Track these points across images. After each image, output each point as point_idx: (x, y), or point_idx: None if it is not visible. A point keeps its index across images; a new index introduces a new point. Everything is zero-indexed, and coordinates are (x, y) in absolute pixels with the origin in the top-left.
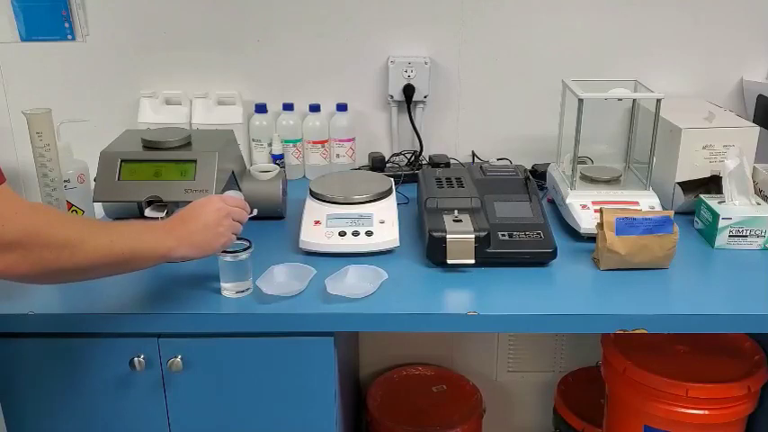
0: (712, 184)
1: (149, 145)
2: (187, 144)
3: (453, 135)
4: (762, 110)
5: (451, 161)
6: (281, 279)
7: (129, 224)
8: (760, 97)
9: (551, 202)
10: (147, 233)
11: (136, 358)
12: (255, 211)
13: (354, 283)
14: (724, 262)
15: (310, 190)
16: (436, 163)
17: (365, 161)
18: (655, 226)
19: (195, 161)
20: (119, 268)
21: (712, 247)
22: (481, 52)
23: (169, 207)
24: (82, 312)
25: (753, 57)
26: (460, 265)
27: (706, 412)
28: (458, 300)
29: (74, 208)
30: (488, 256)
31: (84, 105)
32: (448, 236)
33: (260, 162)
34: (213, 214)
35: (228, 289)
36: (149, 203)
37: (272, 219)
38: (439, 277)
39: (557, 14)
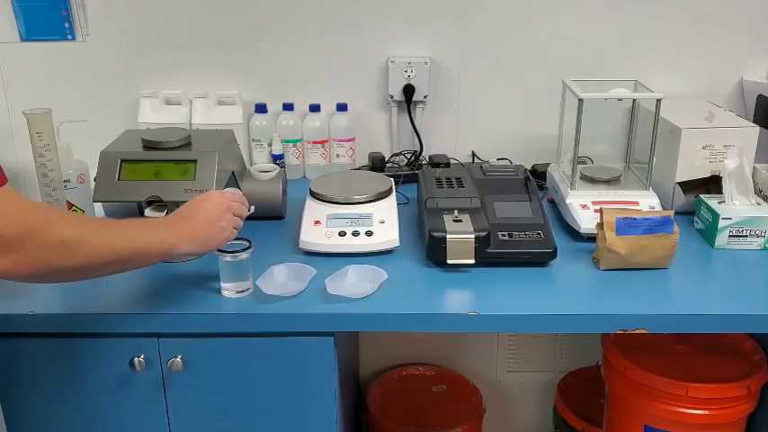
0: (712, 184)
1: (149, 145)
2: (187, 144)
3: (453, 135)
4: (762, 110)
5: (451, 161)
6: (281, 279)
7: (132, 222)
8: (760, 97)
9: (551, 202)
10: (149, 230)
11: (136, 358)
12: (253, 208)
13: (354, 283)
14: (724, 262)
15: (310, 190)
16: (436, 163)
17: (365, 161)
18: (655, 226)
19: (195, 161)
20: (122, 266)
21: (712, 247)
22: (481, 52)
23: (169, 207)
24: (82, 312)
25: (753, 57)
26: (460, 265)
27: (706, 412)
28: (458, 300)
29: (74, 208)
30: (488, 256)
31: (84, 105)
32: (448, 236)
33: (260, 162)
34: (214, 209)
35: (228, 289)
36: (149, 203)
37: (272, 219)
38: (439, 277)
39: (557, 14)
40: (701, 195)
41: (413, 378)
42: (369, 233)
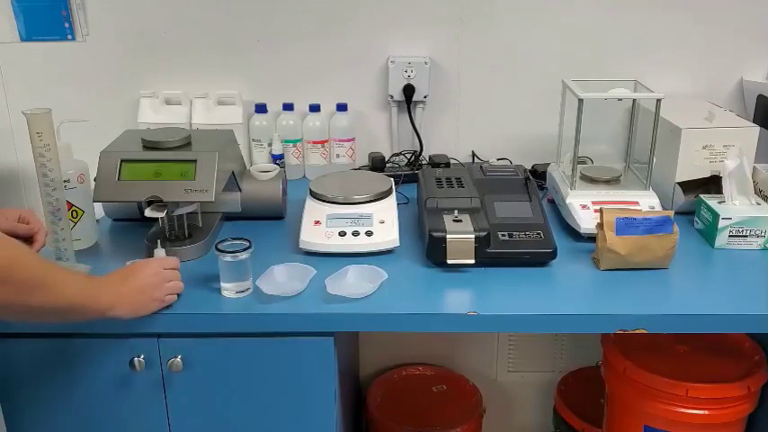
0: (712, 184)
1: (149, 145)
2: (187, 144)
3: (453, 135)
4: (762, 110)
5: (451, 161)
6: (281, 279)
7: (75, 275)
8: (760, 97)
9: (551, 202)
10: (90, 288)
11: (136, 358)
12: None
13: (354, 283)
14: (724, 262)
15: (310, 190)
16: (436, 163)
17: (365, 161)
18: (655, 226)
19: (195, 161)
20: (60, 317)
21: (712, 247)
22: (481, 52)
23: (169, 207)
24: None
25: (753, 57)
26: (460, 265)
27: (706, 412)
28: (458, 300)
29: (74, 208)
30: (488, 256)
31: (84, 105)
32: (448, 236)
33: (260, 162)
34: (149, 279)
35: (228, 289)
36: (149, 203)
37: (272, 219)
38: (439, 277)
39: (557, 14)
40: (701, 195)
41: (413, 378)
42: (369, 233)
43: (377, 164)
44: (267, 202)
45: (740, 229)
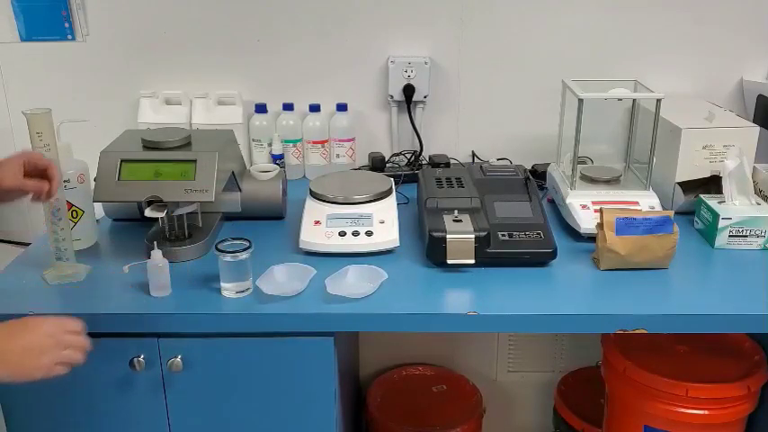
0: (712, 184)
1: (149, 145)
2: (187, 144)
3: (453, 135)
4: (762, 110)
5: (451, 161)
6: (281, 279)
7: None
8: (760, 97)
9: (551, 202)
10: None
11: (136, 358)
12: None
13: (354, 283)
14: (724, 262)
15: (310, 190)
16: (436, 163)
17: (365, 161)
18: (655, 226)
19: (195, 161)
20: None
21: (712, 247)
22: (481, 52)
23: (169, 207)
24: (82, 312)
25: (753, 57)
26: (460, 265)
27: (706, 412)
28: (458, 300)
29: (74, 208)
30: (488, 256)
31: (84, 105)
32: (448, 236)
33: (260, 162)
34: (39, 339)
35: (228, 289)
36: (149, 203)
37: (272, 219)
38: (439, 277)
39: (557, 14)
40: (701, 195)
41: (413, 378)
42: (369, 233)
43: (377, 164)
44: (267, 202)
45: (740, 229)
